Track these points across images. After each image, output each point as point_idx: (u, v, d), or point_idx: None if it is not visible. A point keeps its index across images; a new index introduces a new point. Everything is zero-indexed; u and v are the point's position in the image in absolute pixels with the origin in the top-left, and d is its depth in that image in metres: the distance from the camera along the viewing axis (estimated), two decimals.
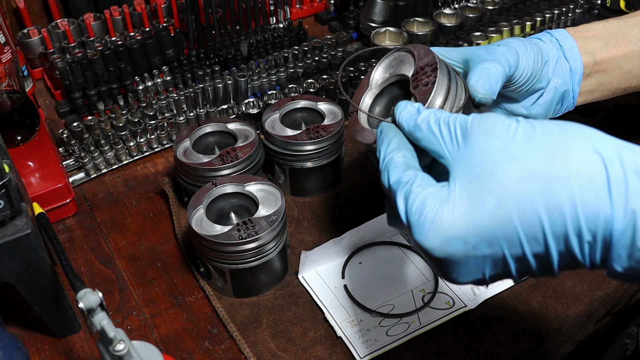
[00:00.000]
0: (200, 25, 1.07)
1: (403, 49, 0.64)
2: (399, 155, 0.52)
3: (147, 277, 0.79)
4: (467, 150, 0.46)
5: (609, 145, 0.42)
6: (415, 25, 1.16)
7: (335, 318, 0.72)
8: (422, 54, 0.61)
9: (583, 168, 0.41)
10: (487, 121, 0.46)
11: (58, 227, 0.86)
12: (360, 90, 0.67)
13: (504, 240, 0.44)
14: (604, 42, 0.72)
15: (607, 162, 0.41)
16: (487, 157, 0.44)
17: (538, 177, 0.42)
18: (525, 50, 0.65)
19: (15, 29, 1.13)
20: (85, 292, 0.49)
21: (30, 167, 0.86)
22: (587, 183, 0.41)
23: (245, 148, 0.81)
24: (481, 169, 0.44)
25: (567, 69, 0.71)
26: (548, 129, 0.44)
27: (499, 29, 1.12)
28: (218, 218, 0.75)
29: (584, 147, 0.42)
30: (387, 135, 0.54)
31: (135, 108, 0.97)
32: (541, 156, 0.42)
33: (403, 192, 0.49)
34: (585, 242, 0.42)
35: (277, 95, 1.00)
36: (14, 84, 0.82)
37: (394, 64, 0.65)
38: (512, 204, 0.43)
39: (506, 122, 0.45)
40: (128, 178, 0.93)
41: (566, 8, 1.19)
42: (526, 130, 0.44)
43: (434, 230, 0.45)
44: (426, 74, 0.59)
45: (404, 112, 0.54)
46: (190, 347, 0.71)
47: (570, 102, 0.73)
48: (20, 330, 0.73)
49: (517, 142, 0.44)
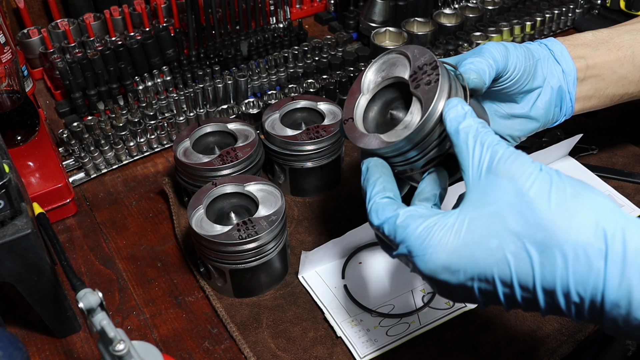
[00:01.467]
0: (200, 25, 1.07)
1: (394, 51, 0.63)
2: (384, 198, 0.55)
3: (147, 277, 0.79)
4: (487, 184, 0.49)
5: (615, 219, 0.44)
6: (415, 25, 1.16)
7: (335, 318, 0.72)
8: (417, 54, 0.60)
9: (582, 237, 0.44)
10: (513, 163, 0.48)
11: (58, 227, 0.86)
12: (352, 96, 0.64)
13: (498, 279, 0.47)
14: (594, 48, 0.73)
15: (608, 236, 0.43)
16: (500, 201, 0.47)
17: (538, 234, 0.45)
18: (514, 47, 0.66)
19: (15, 29, 1.13)
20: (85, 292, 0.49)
21: (30, 167, 0.86)
22: (583, 252, 0.44)
23: (245, 148, 0.81)
24: (492, 211, 0.47)
25: (559, 70, 0.71)
26: (562, 189, 0.46)
27: (499, 29, 1.12)
28: (218, 218, 0.75)
29: (589, 217, 0.44)
30: (372, 176, 0.58)
31: (135, 108, 0.97)
32: (547, 216, 0.45)
33: (399, 222, 0.52)
34: (572, 302, 0.45)
35: (277, 95, 1.00)
36: (14, 84, 0.82)
37: (385, 67, 0.63)
38: (511, 250, 0.46)
39: (528, 170, 0.47)
40: (128, 178, 0.93)
41: (566, 8, 1.19)
42: (542, 185, 0.46)
43: (437, 254, 0.49)
44: (426, 72, 0.58)
45: (452, 110, 0.54)
46: (190, 347, 0.71)
47: (568, 106, 0.73)
48: (20, 330, 0.73)
49: (530, 195, 0.46)
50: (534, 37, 1.17)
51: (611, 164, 0.90)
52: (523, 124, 0.72)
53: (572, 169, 0.89)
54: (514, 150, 0.49)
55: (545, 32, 1.18)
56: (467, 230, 0.48)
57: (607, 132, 0.94)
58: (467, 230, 0.48)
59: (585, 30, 0.78)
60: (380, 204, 0.55)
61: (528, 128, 0.72)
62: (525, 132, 0.73)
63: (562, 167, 0.89)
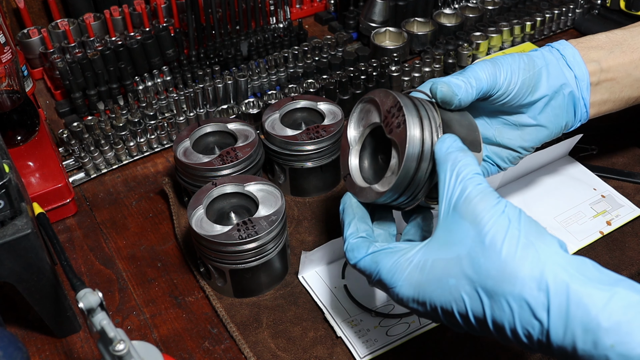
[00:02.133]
0: (200, 25, 1.07)
1: (363, 100, 0.65)
2: (356, 238, 0.60)
3: (147, 277, 0.79)
4: (452, 223, 0.52)
5: (560, 273, 0.47)
6: (415, 25, 1.16)
7: (335, 318, 0.72)
8: (383, 98, 0.61)
9: (527, 290, 0.47)
10: (478, 204, 0.51)
11: (58, 227, 0.86)
12: (344, 152, 0.67)
13: (457, 313, 0.52)
14: (608, 51, 0.70)
15: (551, 291, 0.46)
16: (460, 246, 0.51)
17: (488, 281, 0.49)
18: (508, 61, 0.64)
19: (15, 29, 1.13)
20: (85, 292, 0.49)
21: (30, 167, 0.86)
22: (527, 304, 0.47)
23: (245, 148, 0.81)
24: (452, 256, 0.51)
25: (571, 76, 0.69)
26: (515, 238, 0.49)
27: (499, 29, 1.12)
28: (218, 218, 0.75)
29: (534, 270, 0.47)
30: (347, 217, 0.63)
31: (135, 108, 0.97)
32: (496, 266, 0.49)
33: (371, 259, 0.57)
34: (521, 341, 0.49)
35: (277, 95, 1.00)
36: (14, 84, 0.82)
37: (363, 115, 0.66)
38: (466, 291, 0.51)
39: (489, 214, 0.50)
40: (128, 178, 0.93)
41: (566, 8, 1.19)
42: (498, 232, 0.49)
43: (405, 288, 0.54)
44: (394, 115, 0.59)
45: (442, 144, 0.57)
46: (190, 347, 0.71)
47: (583, 112, 0.71)
48: (20, 330, 0.73)
49: (486, 242, 0.50)
50: (533, 37, 1.17)
51: (611, 164, 0.90)
52: (533, 133, 0.69)
53: (572, 169, 0.89)
54: (482, 189, 0.52)
55: (545, 32, 1.18)
56: (430, 269, 0.53)
57: (607, 132, 0.94)
58: (430, 269, 0.53)
59: (586, 30, 0.77)
60: (354, 244, 0.60)
61: (539, 137, 0.70)
62: (536, 142, 0.70)
63: (562, 167, 0.89)
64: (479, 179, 0.53)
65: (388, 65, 1.05)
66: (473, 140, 0.61)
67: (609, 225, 0.81)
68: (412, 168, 0.58)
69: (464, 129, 0.61)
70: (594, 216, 0.82)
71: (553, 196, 0.85)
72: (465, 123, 0.62)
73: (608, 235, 0.80)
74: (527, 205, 0.84)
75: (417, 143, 0.57)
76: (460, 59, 1.09)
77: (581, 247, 0.79)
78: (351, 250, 0.60)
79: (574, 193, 0.86)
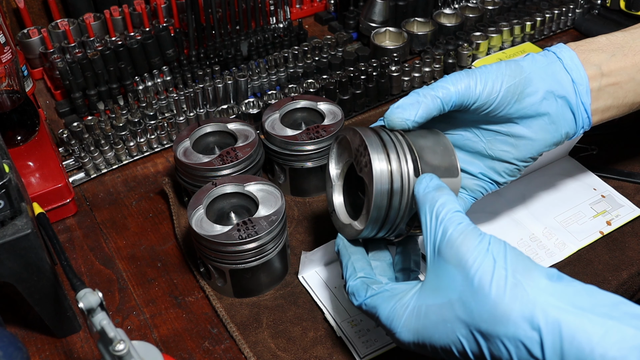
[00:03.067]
0: (200, 25, 1.07)
1: (338, 138, 0.65)
2: (355, 280, 0.60)
3: (147, 277, 0.79)
4: (439, 268, 0.53)
5: (551, 310, 0.47)
6: (415, 25, 1.16)
7: (335, 318, 0.72)
8: (352, 137, 0.61)
9: (520, 330, 0.47)
10: (461, 246, 0.51)
11: (58, 227, 0.86)
12: (329, 189, 0.68)
13: (457, 352, 0.52)
14: (609, 54, 0.67)
15: (542, 329, 0.46)
16: (449, 291, 0.52)
17: (482, 324, 0.49)
18: (488, 70, 0.62)
19: (15, 29, 1.13)
20: (85, 292, 0.49)
21: (30, 167, 0.86)
22: (522, 343, 0.48)
23: (245, 148, 0.81)
24: (444, 302, 0.52)
25: (567, 80, 0.65)
26: (502, 277, 0.49)
27: (499, 29, 1.12)
28: (218, 218, 0.75)
29: (525, 309, 0.47)
30: (343, 258, 0.63)
31: (135, 108, 0.97)
32: (488, 308, 0.49)
33: (370, 304, 0.58)
34: None
35: (277, 95, 1.00)
36: (14, 84, 0.82)
37: (341, 151, 0.66)
38: (462, 334, 0.51)
39: (473, 255, 0.50)
40: (128, 178, 0.93)
41: (566, 8, 1.19)
42: (485, 272, 0.50)
43: (405, 334, 0.55)
44: (361, 154, 0.60)
45: (419, 186, 0.57)
46: (190, 347, 0.71)
47: (584, 117, 0.66)
48: (20, 330, 0.73)
49: (474, 284, 0.50)
50: (533, 37, 1.17)
51: (611, 164, 0.90)
52: (528, 144, 0.65)
53: (572, 169, 0.89)
54: (463, 229, 0.52)
55: (545, 32, 1.18)
56: (425, 315, 0.53)
57: (607, 132, 0.94)
58: (425, 315, 0.53)
59: (586, 30, 0.76)
60: (354, 287, 0.60)
61: (535, 148, 0.66)
62: (532, 153, 0.66)
63: (562, 167, 0.89)
64: (459, 217, 0.53)
65: (388, 65, 1.05)
66: (449, 165, 0.60)
67: (609, 225, 0.81)
68: (384, 205, 0.58)
69: (437, 156, 0.60)
70: (594, 216, 0.82)
71: (553, 196, 0.85)
72: (438, 148, 0.61)
73: (608, 235, 0.80)
74: (527, 205, 0.84)
75: (385, 180, 0.57)
76: (460, 59, 1.09)
77: (581, 247, 0.79)
78: (352, 294, 0.60)
79: (574, 193, 0.86)
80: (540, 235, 0.80)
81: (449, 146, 0.62)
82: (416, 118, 0.60)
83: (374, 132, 0.60)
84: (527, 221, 0.82)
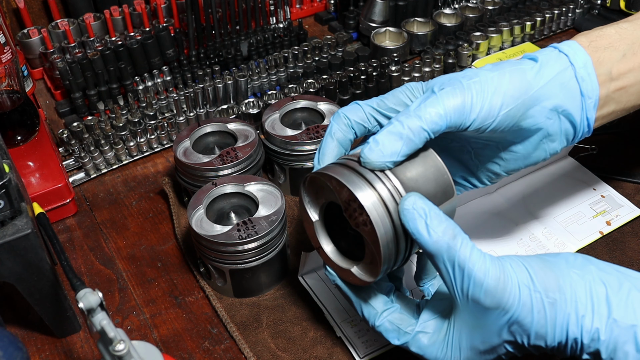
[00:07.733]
0: (200, 25, 1.07)
1: (307, 182, 0.59)
2: (382, 321, 0.60)
3: (147, 277, 0.79)
4: (477, 310, 0.53)
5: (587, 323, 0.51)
6: (415, 25, 1.16)
7: (335, 318, 0.72)
8: (336, 187, 0.54)
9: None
10: (502, 296, 0.51)
11: (58, 227, 0.86)
12: (308, 225, 0.61)
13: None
14: (621, 53, 0.61)
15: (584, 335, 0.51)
16: (493, 327, 0.53)
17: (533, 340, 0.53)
18: (488, 87, 0.55)
19: (15, 29, 1.13)
20: (85, 292, 0.49)
21: (30, 167, 0.86)
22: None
23: (245, 148, 0.81)
24: (495, 329, 0.53)
25: (577, 94, 0.59)
26: (539, 301, 0.52)
27: (499, 29, 1.12)
28: (218, 218, 0.75)
29: (563, 333, 0.52)
30: (349, 294, 0.61)
31: (135, 108, 0.97)
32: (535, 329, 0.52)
33: (414, 346, 0.59)
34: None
35: (277, 95, 1.00)
36: (14, 84, 0.82)
37: (316, 189, 0.59)
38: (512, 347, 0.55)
39: (514, 298, 0.52)
40: (128, 178, 0.93)
41: (566, 8, 1.19)
42: (524, 306, 0.52)
43: None
44: (355, 210, 0.53)
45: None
46: (190, 347, 0.71)
47: (585, 131, 0.63)
48: (20, 330, 0.73)
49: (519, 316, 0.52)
50: (533, 37, 1.17)
51: (611, 164, 0.90)
52: (519, 158, 0.63)
53: (572, 169, 0.89)
54: (494, 275, 0.51)
55: (545, 32, 1.18)
56: (463, 350, 0.56)
57: (607, 132, 0.94)
58: (464, 349, 0.56)
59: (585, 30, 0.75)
60: (383, 329, 0.60)
61: (526, 162, 0.63)
62: (522, 166, 0.64)
63: (562, 167, 0.89)
64: (480, 259, 0.51)
65: (388, 65, 1.05)
66: (444, 189, 0.56)
67: (609, 226, 0.81)
68: (392, 259, 0.55)
69: (431, 183, 0.55)
70: (593, 216, 0.82)
71: (553, 196, 0.85)
72: (430, 174, 0.55)
73: (608, 235, 0.80)
74: (527, 206, 0.84)
75: (390, 239, 0.53)
76: (460, 59, 1.09)
77: (581, 247, 0.79)
78: (391, 337, 0.60)
79: (574, 193, 0.86)
80: (540, 235, 0.80)
81: (439, 165, 0.56)
82: (398, 158, 0.53)
83: (360, 178, 0.53)
84: (527, 221, 0.82)
